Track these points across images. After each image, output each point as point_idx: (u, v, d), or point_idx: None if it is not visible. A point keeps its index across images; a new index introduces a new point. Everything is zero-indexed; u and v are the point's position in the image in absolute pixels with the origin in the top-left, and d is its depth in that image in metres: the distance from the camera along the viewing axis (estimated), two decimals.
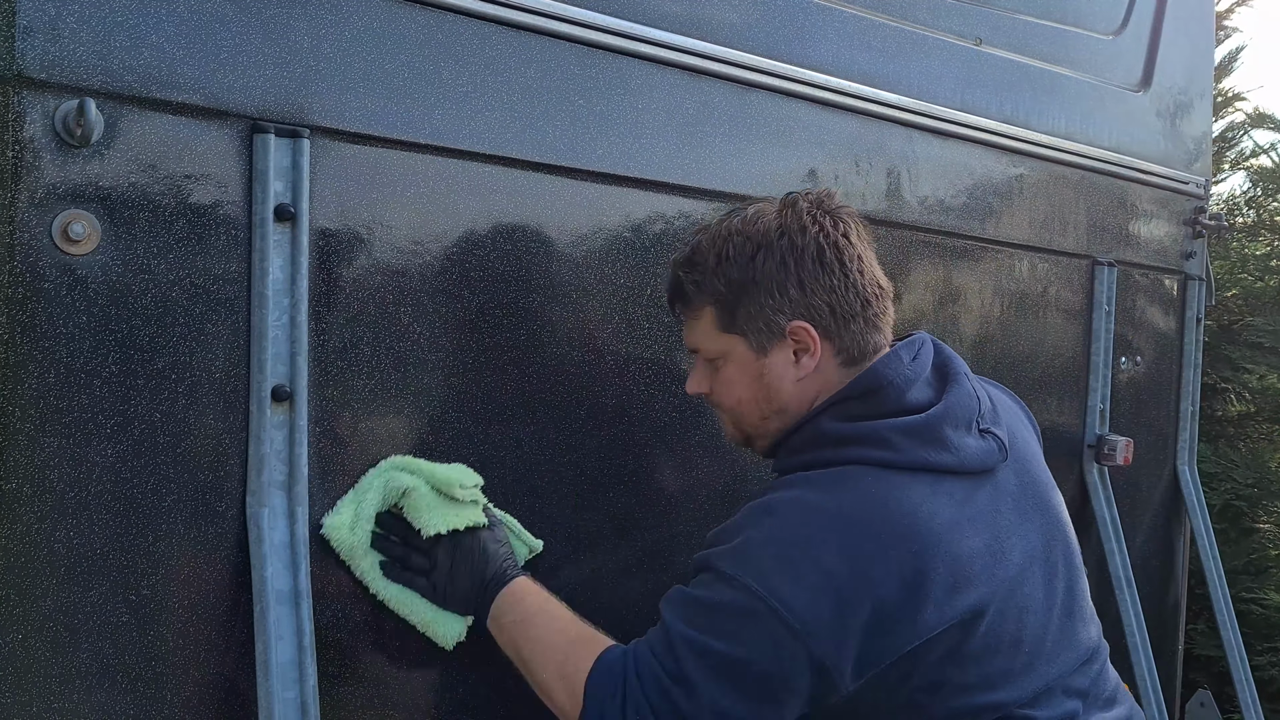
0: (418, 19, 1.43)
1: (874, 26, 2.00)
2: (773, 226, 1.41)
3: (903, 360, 1.41)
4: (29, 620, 1.19)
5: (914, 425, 1.36)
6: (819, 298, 1.39)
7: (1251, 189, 4.75)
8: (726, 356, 1.45)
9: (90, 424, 1.22)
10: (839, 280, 1.40)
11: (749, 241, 1.40)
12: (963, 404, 1.40)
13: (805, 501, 1.34)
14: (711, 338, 1.45)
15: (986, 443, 1.40)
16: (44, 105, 1.16)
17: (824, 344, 1.41)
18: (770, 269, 1.39)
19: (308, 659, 1.32)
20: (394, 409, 1.46)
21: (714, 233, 1.44)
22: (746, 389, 1.45)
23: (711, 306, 1.43)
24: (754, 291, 1.40)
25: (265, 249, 1.31)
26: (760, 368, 1.43)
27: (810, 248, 1.39)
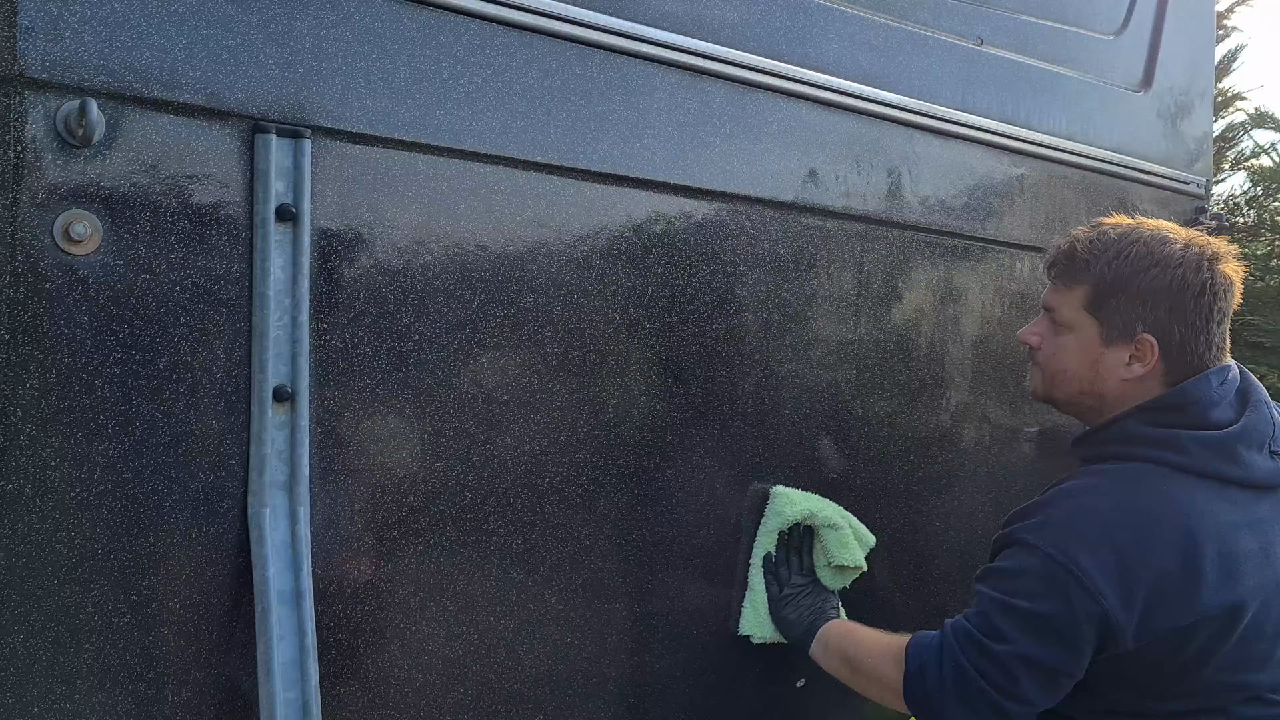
0: (419, 19, 1.43)
1: (875, 26, 2.00)
2: (1175, 253, 1.59)
3: (1211, 383, 1.59)
4: (31, 620, 1.19)
5: (1211, 439, 1.56)
6: (1177, 327, 1.58)
7: (1252, 189, 4.75)
8: (1075, 329, 1.64)
9: (92, 424, 1.22)
10: (1200, 323, 1.59)
11: (1151, 255, 1.59)
12: (1258, 427, 1.59)
13: (1104, 488, 1.55)
14: (1073, 309, 1.64)
15: (1275, 464, 1.59)
16: (46, 105, 1.16)
17: (1158, 362, 1.59)
18: (1155, 285, 1.58)
19: (309, 659, 1.32)
20: (395, 409, 1.46)
21: (1123, 231, 1.62)
22: (1076, 363, 1.65)
23: (1089, 286, 1.62)
24: (1131, 295, 1.59)
25: (267, 249, 1.32)
26: (1098, 354, 1.62)
27: (1194, 287, 1.58)
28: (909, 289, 2.13)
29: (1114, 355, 1.61)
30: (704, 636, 1.84)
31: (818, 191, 1.94)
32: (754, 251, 1.85)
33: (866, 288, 2.05)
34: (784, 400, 1.92)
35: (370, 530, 1.44)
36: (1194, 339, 1.59)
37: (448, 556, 1.51)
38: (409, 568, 1.48)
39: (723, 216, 1.81)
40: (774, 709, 1.96)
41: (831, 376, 2.00)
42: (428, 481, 1.49)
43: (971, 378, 2.28)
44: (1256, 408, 1.61)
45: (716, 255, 1.80)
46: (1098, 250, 1.62)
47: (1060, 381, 1.68)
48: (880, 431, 2.10)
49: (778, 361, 1.91)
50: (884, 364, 2.10)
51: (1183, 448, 1.54)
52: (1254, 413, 1.60)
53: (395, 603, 1.47)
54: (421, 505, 1.49)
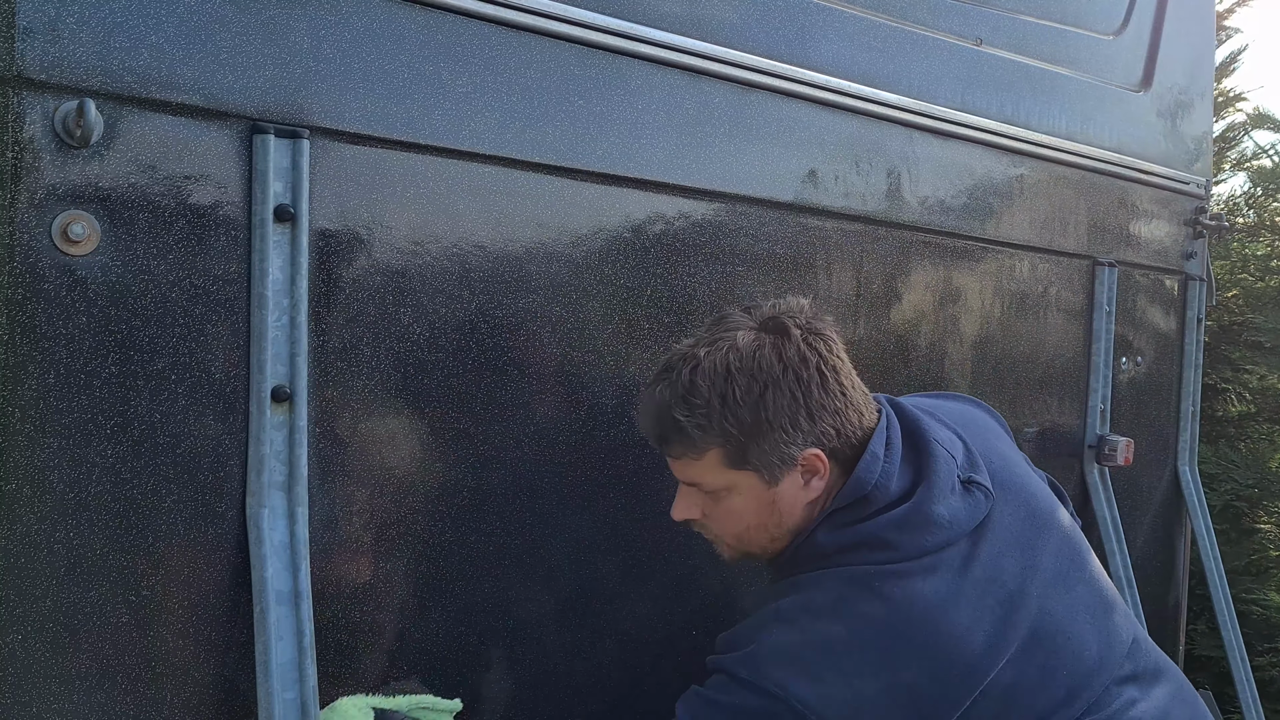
0: (417, 19, 1.43)
1: (874, 27, 2.00)
2: (774, 360, 1.40)
3: (878, 458, 1.45)
4: (29, 621, 1.19)
5: (903, 517, 1.41)
6: (825, 423, 1.43)
7: (1252, 189, 4.74)
8: (731, 490, 1.45)
9: (90, 425, 1.22)
10: (841, 402, 1.44)
11: (754, 380, 1.39)
12: (941, 472, 1.45)
13: (818, 604, 1.39)
14: (716, 474, 1.44)
15: (973, 498, 1.45)
16: (44, 106, 1.16)
17: (830, 463, 1.45)
18: (782, 405, 1.40)
19: (308, 659, 1.32)
20: (394, 410, 1.46)
21: (709, 367, 1.40)
22: (755, 517, 1.47)
23: (719, 447, 1.42)
24: (766, 431, 1.40)
25: (265, 250, 1.31)
26: (772, 496, 1.45)
27: (815, 378, 1.42)
28: (908, 289, 2.13)
29: (787, 488, 1.44)
30: (703, 636, 1.83)
31: (817, 192, 1.94)
32: (753, 252, 1.85)
33: (866, 288, 2.05)
34: None
35: (369, 530, 1.44)
36: (844, 418, 1.44)
37: (446, 557, 1.51)
38: (407, 568, 1.48)
39: (722, 217, 1.81)
40: None
41: None
42: (426, 482, 1.49)
43: (971, 378, 2.28)
44: (928, 449, 1.47)
45: (715, 256, 1.79)
46: (701, 409, 1.40)
47: (749, 540, 1.50)
48: None
49: None
50: (883, 364, 2.10)
51: (881, 540, 1.41)
52: (929, 456, 1.46)
53: (394, 603, 1.47)
54: (420, 505, 1.48)
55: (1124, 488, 2.65)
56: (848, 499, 1.43)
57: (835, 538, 1.43)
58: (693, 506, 1.49)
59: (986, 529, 1.44)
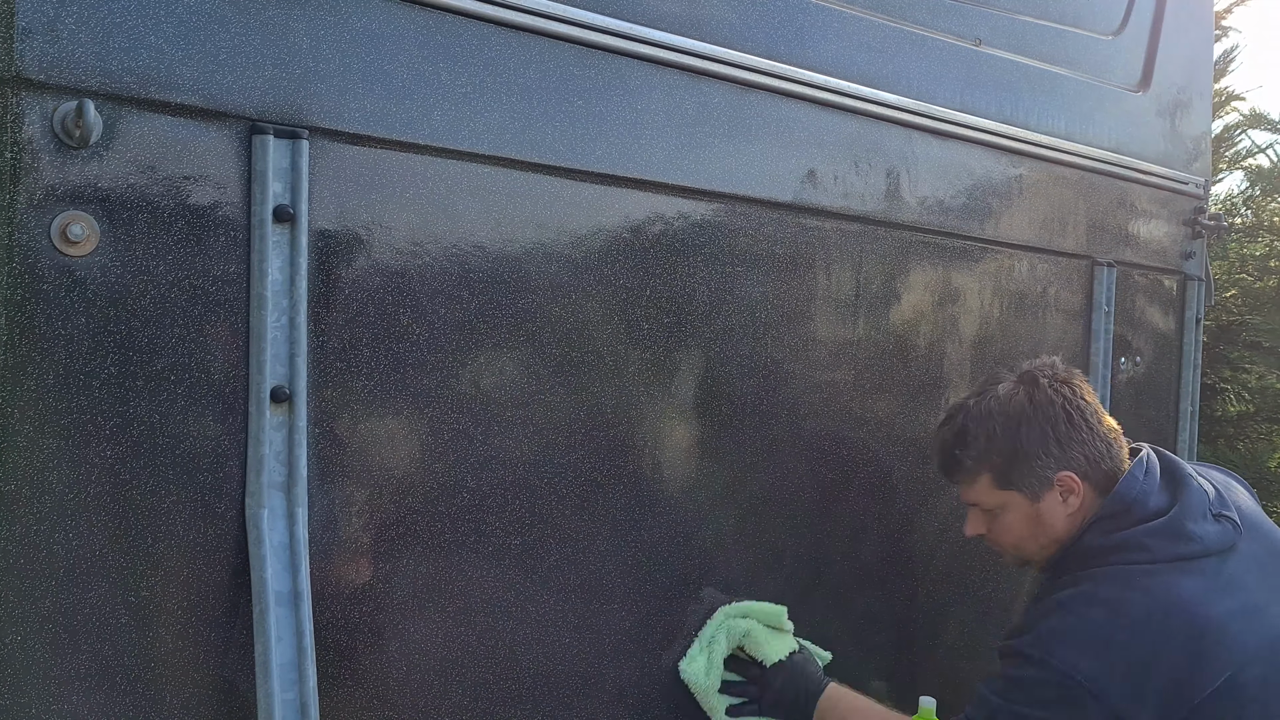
0: (416, 20, 1.43)
1: (873, 27, 2.00)
2: (1025, 403, 1.77)
3: (1138, 479, 1.74)
4: (28, 621, 1.19)
5: (1160, 528, 1.68)
6: (1074, 451, 1.76)
7: (1249, 189, 4.75)
8: (1004, 507, 1.79)
9: (89, 425, 1.21)
10: (1086, 434, 1.77)
11: (1010, 419, 1.77)
12: (1194, 500, 1.71)
13: (1090, 596, 1.66)
14: (989, 495, 1.80)
15: (1222, 526, 1.70)
16: (43, 106, 1.16)
17: (1084, 484, 1.76)
18: (1034, 437, 1.75)
19: (307, 660, 1.32)
20: (393, 410, 1.45)
21: (976, 413, 1.80)
22: (1026, 529, 1.79)
23: (988, 473, 1.78)
24: (1024, 457, 1.76)
25: (264, 250, 1.31)
26: (1036, 511, 1.77)
27: (1061, 415, 1.76)
28: (908, 289, 2.13)
29: (1049, 503, 1.76)
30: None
31: (816, 192, 1.93)
32: (752, 252, 1.85)
33: (865, 288, 2.05)
34: (782, 400, 1.92)
35: (368, 531, 1.44)
36: (1094, 449, 1.76)
37: (446, 557, 1.51)
38: (407, 569, 1.48)
39: (721, 217, 1.81)
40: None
41: (830, 377, 2.00)
42: (426, 482, 1.49)
43: (970, 378, 2.28)
44: (1185, 481, 1.74)
45: (715, 256, 1.79)
46: (972, 445, 1.79)
47: (1024, 548, 1.82)
48: (879, 431, 2.10)
49: (776, 362, 1.91)
50: (883, 364, 2.10)
51: (1140, 545, 1.67)
52: (1185, 487, 1.73)
53: (393, 604, 1.47)
54: (420, 506, 1.48)
55: None
56: (1111, 509, 1.72)
57: (1101, 541, 1.70)
58: (978, 524, 1.84)
59: (1234, 554, 1.69)
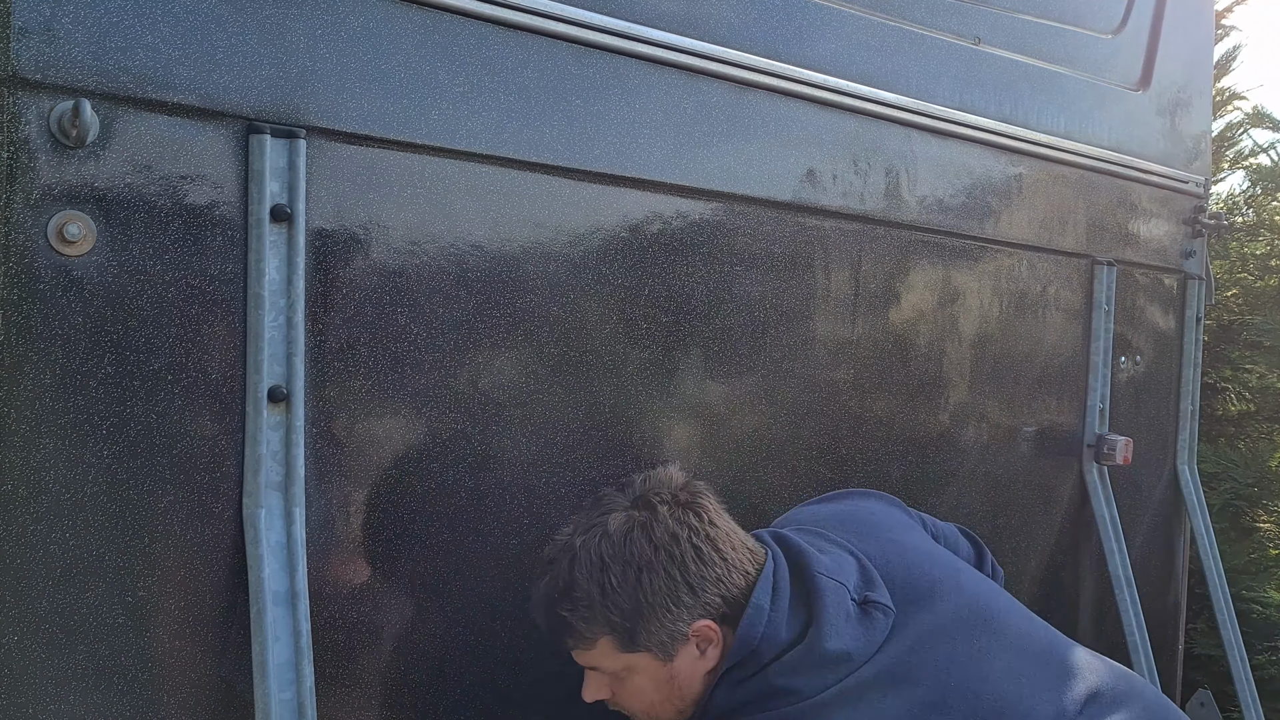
0: (414, 19, 1.43)
1: (872, 26, 2.00)
2: (644, 543, 1.42)
3: (764, 610, 1.44)
4: (25, 621, 1.19)
5: (798, 661, 1.41)
6: (709, 593, 1.43)
7: (1251, 188, 4.74)
8: (631, 669, 1.46)
9: (86, 425, 1.21)
10: (720, 569, 1.44)
11: (628, 566, 1.41)
12: (830, 607, 1.44)
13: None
14: (612, 659, 1.45)
15: (869, 619, 1.46)
16: (39, 106, 1.16)
17: (722, 628, 1.44)
18: (660, 586, 1.41)
19: (304, 660, 1.32)
20: (391, 410, 1.45)
21: (585, 562, 1.42)
22: (659, 693, 1.47)
23: (608, 635, 1.43)
24: (649, 612, 1.41)
25: (261, 250, 1.31)
26: (670, 672, 1.45)
27: (688, 553, 1.43)
28: (907, 289, 2.13)
29: (683, 660, 1.44)
30: None
31: (815, 191, 1.93)
32: (751, 251, 1.85)
33: (864, 287, 2.05)
34: (781, 400, 1.92)
35: (366, 531, 1.44)
36: (728, 582, 1.44)
37: (443, 557, 1.51)
38: (404, 568, 1.48)
39: (720, 216, 1.81)
40: None
41: (830, 376, 2.00)
42: (423, 482, 1.49)
43: (970, 378, 2.28)
44: (815, 584, 1.46)
45: (713, 255, 1.79)
46: (583, 602, 1.42)
47: (658, 714, 1.50)
48: (878, 431, 2.10)
49: (775, 361, 1.91)
50: (882, 364, 2.10)
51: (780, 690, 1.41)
52: (816, 592, 1.46)
53: (391, 603, 1.47)
54: (417, 506, 1.48)
55: (1123, 487, 2.65)
56: (738, 656, 1.42)
57: (733, 695, 1.43)
58: (601, 689, 1.50)
59: (892, 642, 1.44)
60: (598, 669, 1.48)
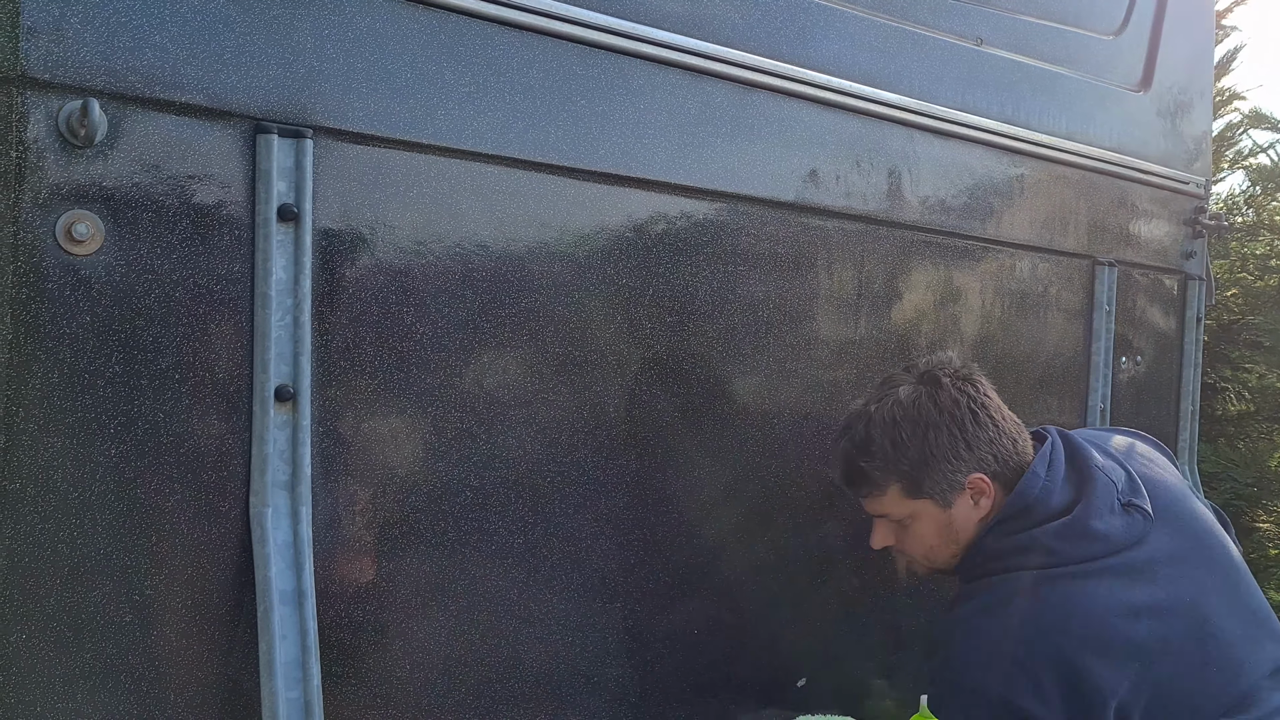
0: (421, 19, 1.43)
1: (875, 26, 2.00)
2: (930, 406, 1.68)
3: (1039, 476, 1.67)
4: (32, 620, 1.19)
5: (1062, 528, 1.62)
6: (983, 450, 1.69)
7: (1251, 188, 4.75)
8: (914, 516, 1.71)
9: (94, 424, 1.22)
10: (994, 432, 1.70)
11: (916, 424, 1.67)
12: (1100, 494, 1.65)
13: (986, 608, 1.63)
14: (899, 505, 1.70)
15: (1130, 518, 1.65)
16: (48, 106, 1.16)
17: (994, 484, 1.69)
18: (942, 441, 1.67)
19: (311, 659, 1.32)
20: (397, 409, 1.46)
21: (880, 419, 1.69)
22: (938, 537, 1.71)
23: (897, 483, 1.69)
24: (933, 463, 1.67)
25: (268, 249, 1.31)
26: (948, 518, 1.70)
27: (966, 416, 1.69)
28: (909, 289, 2.13)
29: (960, 509, 1.69)
30: (703, 636, 1.84)
31: (818, 191, 1.94)
32: (754, 251, 1.85)
33: (867, 288, 2.05)
34: (784, 400, 1.93)
35: (372, 530, 1.44)
36: (1002, 447, 1.69)
37: (449, 556, 1.51)
38: (411, 567, 1.48)
39: (723, 216, 1.81)
40: (774, 709, 1.97)
41: (832, 376, 2.00)
42: (429, 481, 1.49)
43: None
44: (1090, 473, 1.67)
45: (717, 255, 1.80)
46: (878, 453, 1.68)
47: (935, 557, 1.74)
48: None
49: (778, 361, 1.91)
50: (884, 363, 2.10)
51: (1043, 548, 1.62)
52: (1090, 479, 1.67)
53: (397, 602, 1.47)
54: (423, 505, 1.49)
55: None
56: (1012, 510, 1.65)
57: (1001, 544, 1.64)
58: (887, 535, 1.75)
59: (1143, 546, 1.63)
60: (886, 516, 1.73)
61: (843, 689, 1.86)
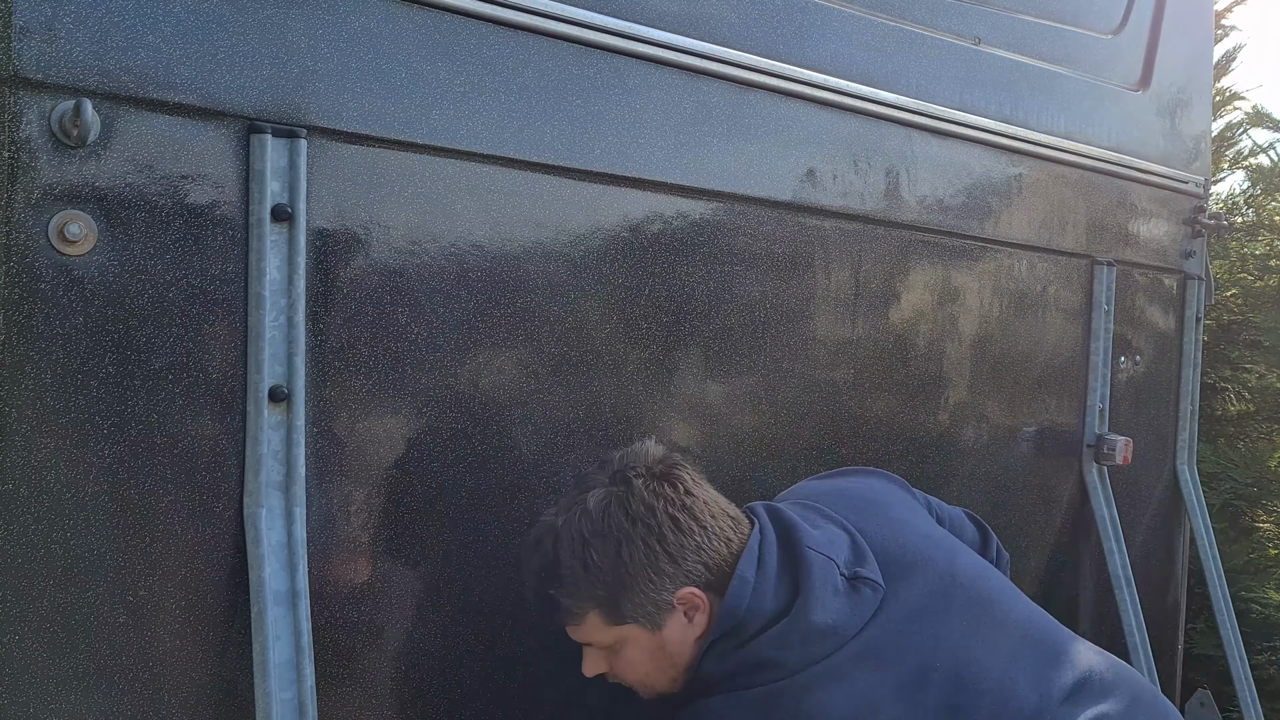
0: (415, 19, 1.43)
1: (873, 26, 2.00)
2: (621, 516, 1.43)
3: (748, 581, 1.44)
4: (26, 621, 1.19)
5: (783, 633, 1.41)
6: (689, 561, 1.44)
7: (1250, 188, 4.74)
8: (622, 642, 1.47)
9: (87, 425, 1.21)
10: (700, 537, 1.45)
11: (607, 540, 1.42)
12: (818, 580, 1.44)
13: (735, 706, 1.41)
14: (602, 632, 1.47)
15: (858, 594, 1.45)
16: (40, 105, 1.16)
17: (708, 594, 1.45)
18: (639, 558, 1.42)
19: (305, 659, 1.32)
20: (391, 409, 1.45)
21: (567, 537, 1.44)
22: (651, 663, 1.48)
23: (595, 609, 1.45)
24: (632, 584, 1.42)
25: (262, 249, 1.31)
26: (660, 641, 1.45)
27: (665, 523, 1.43)
28: (907, 289, 2.13)
29: (673, 629, 1.45)
30: None
31: (815, 191, 1.93)
32: (751, 251, 1.85)
33: (865, 287, 2.05)
34: (782, 400, 1.92)
35: (366, 530, 1.44)
36: (709, 551, 1.45)
37: (444, 557, 1.51)
38: (405, 568, 1.48)
39: (720, 216, 1.81)
40: None
41: (830, 376, 2.00)
42: (424, 482, 1.49)
43: (970, 377, 2.28)
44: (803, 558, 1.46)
45: (714, 255, 1.79)
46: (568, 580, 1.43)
47: (653, 683, 1.51)
48: (878, 431, 2.10)
49: (775, 361, 1.91)
50: (882, 363, 2.10)
51: (762, 662, 1.41)
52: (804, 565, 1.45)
53: (391, 603, 1.47)
54: (418, 505, 1.48)
55: (1123, 487, 2.65)
56: (724, 627, 1.43)
57: (720, 666, 1.44)
58: (598, 663, 1.52)
59: (880, 617, 1.44)
60: (591, 644, 1.49)
61: None
